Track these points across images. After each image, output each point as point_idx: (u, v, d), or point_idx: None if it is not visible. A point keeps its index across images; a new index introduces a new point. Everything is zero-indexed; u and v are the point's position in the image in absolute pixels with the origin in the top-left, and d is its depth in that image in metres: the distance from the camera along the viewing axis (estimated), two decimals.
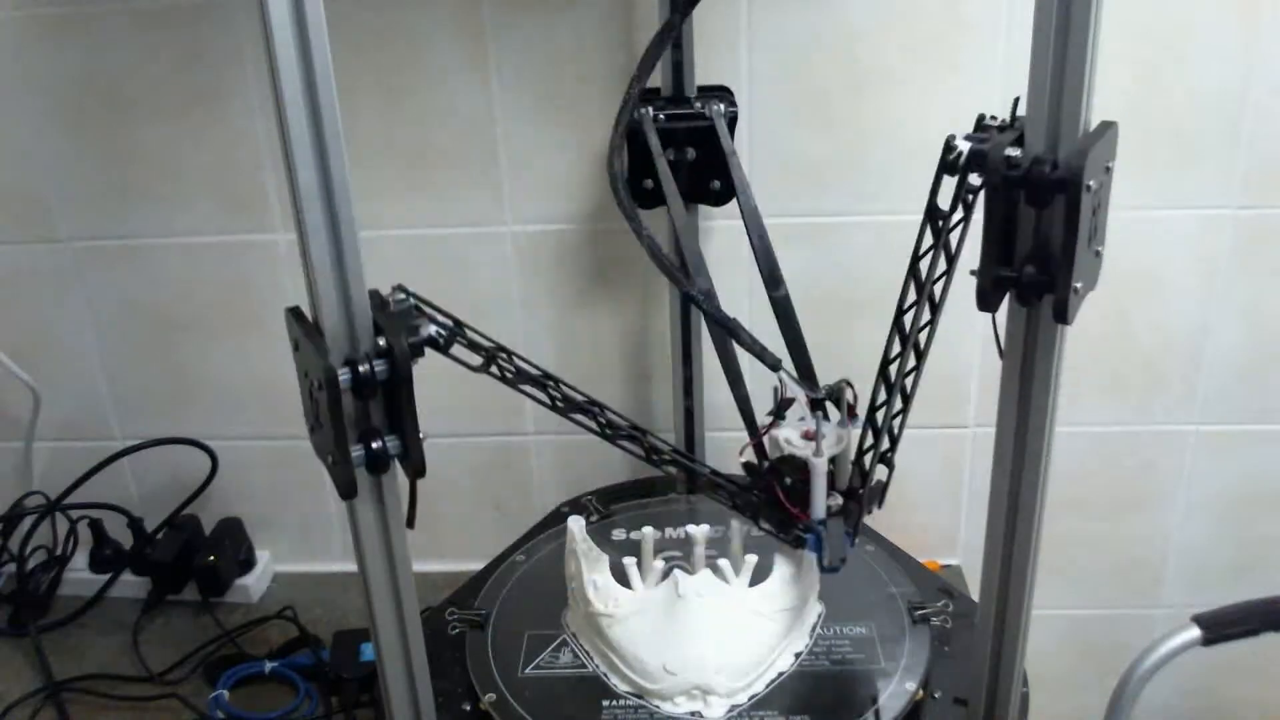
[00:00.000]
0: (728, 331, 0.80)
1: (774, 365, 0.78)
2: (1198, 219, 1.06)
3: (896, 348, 0.75)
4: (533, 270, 1.10)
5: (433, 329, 0.68)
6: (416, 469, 0.66)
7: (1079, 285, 0.62)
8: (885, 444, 0.78)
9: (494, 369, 0.75)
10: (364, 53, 1.02)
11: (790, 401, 0.81)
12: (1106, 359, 1.11)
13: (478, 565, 1.02)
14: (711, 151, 0.97)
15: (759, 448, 0.81)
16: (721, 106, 0.97)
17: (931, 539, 1.17)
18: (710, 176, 0.98)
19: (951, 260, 0.71)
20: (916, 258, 0.72)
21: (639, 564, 0.89)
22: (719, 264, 1.09)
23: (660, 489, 1.10)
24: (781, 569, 0.90)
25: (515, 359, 0.75)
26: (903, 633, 0.89)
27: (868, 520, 1.05)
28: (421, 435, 0.65)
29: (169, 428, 1.18)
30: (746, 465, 0.83)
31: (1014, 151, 0.62)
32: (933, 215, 0.71)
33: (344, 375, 0.62)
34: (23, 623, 1.14)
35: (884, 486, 0.81)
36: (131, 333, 1.16)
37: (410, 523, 0.70)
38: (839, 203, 1.06)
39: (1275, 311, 1.09)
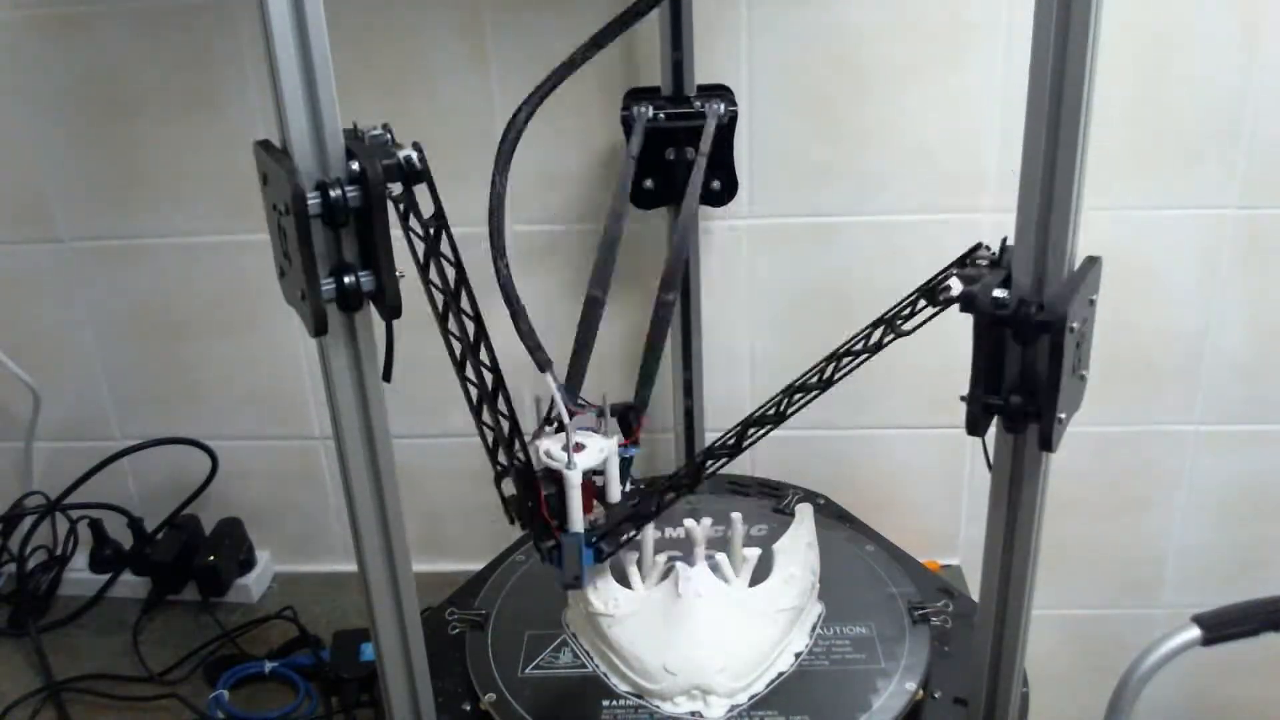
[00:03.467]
0: (510, 313, 0.76)
1: (541, 366, 0.75)
2: (1198, 219, 1.06)
3: (771, 411, 0.77)
4: (532, 270, 1.10)
5: (412, 153, 0.64)
6: (392, 308, 0.63)
7: (1063, 415, 0.65)
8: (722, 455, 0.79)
9: (441, 235, 0.70)
10: (364, 53, 1.02)
11: (551, 416, 0.78)
12: (1106, 359, 1.11)
13: (478, 565, 1.02)
14: (712, 151, 0.96)
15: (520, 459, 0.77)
16: (721, 106, 0.97)
17: (931, 539, 1.17)
18: (710, 177, 0.98)
19: (869, 355, 0.77)
20: (842, 353, 0.76)
21: (639, 561, 0.89)
22: (719, 266, 1.09)
23: (643, 484, 1.10)
24: (781, 569, 0.90)
25: (451, 240, 0.70)
26: (903, 633, 0.89)
27: (867, 520, 1.06)
28: (398, 273, 0.63)
29: (169, 428, 1.18)
30: (515, 474, 0.79)
31: (1001, 293, 0.65)
32: (889, 325, 0.75)
33: (313, 199, 0.60)
34: (23, 623, 1.14)
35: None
36: (131, 333, 1.16)
37: (387, 375, 0.67)
38: (839, 203, 1.06)
39: (1275, 311, 1.09)
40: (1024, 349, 0.65)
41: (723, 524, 0.93)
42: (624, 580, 0.88)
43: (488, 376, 0.72)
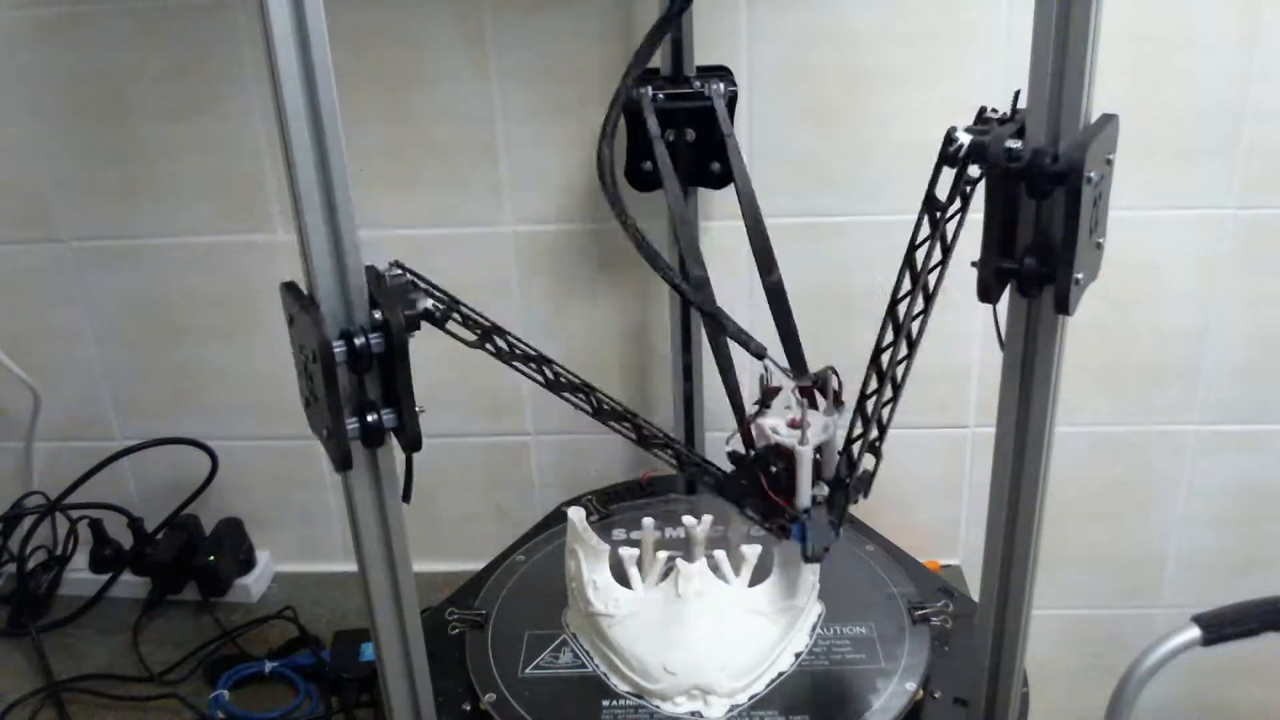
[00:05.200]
0: (714, 320, 0.79)
1: (759, 353, 0.78)
2: (1198, 219, 1.06)
3: (889, 337, 0.75)
4: (533, 270, 1.10)
5: (429, 303, 0.69)
6: (412, 442, 0.66)
7: (1080, 276, 0.62)
8: (874, 432, 0.78)
9: (489, 346, 0.75)
10: (364, 53, 1.02)
11: (776, 390, 0.80)
12: (1106, 358, 1.11)
13: (478, 565, 1.02)
14: (711, 133, 0.96)
15: (746, 436, 0.81)
16: (721, 86, 0.96)
17: (931, 539, 1.17)
18: (710, 158, 0.97)
19: (947, 251, 0.71)
20: (913, 247, 0.72)
21: (639, 561, 0.89)
22: (719, 256, 1.09)
23: (660, 489, 1.10)
24: (781, 569, 0.90)
25: (509, 338, 0.75)
26: (903, 633, 0.89)
27: (867, 520, 1.06)
28: (419, 409, 0.65)
29: (169, 428, 1.18)
30: (732, 454, 0.82)
31: (1015, 144, 0.62)
32: (930, 205, 0.70)
33: (339, 348, 0.62)
34: (23, 623, 1.14)
35: (871, 476, 0.81)
36: (131, 333, 1.16)
37: (406, 497, 0.70)
38: (839, 202, 1.06)
39: (1275, 311, 1.09)
40: (1039, 205, 0.62)
41: (723, 523, 0.93)
42: (624, 580, 0.88)
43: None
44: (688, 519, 0.92)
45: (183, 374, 1.17)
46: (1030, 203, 0.63)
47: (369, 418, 0.64)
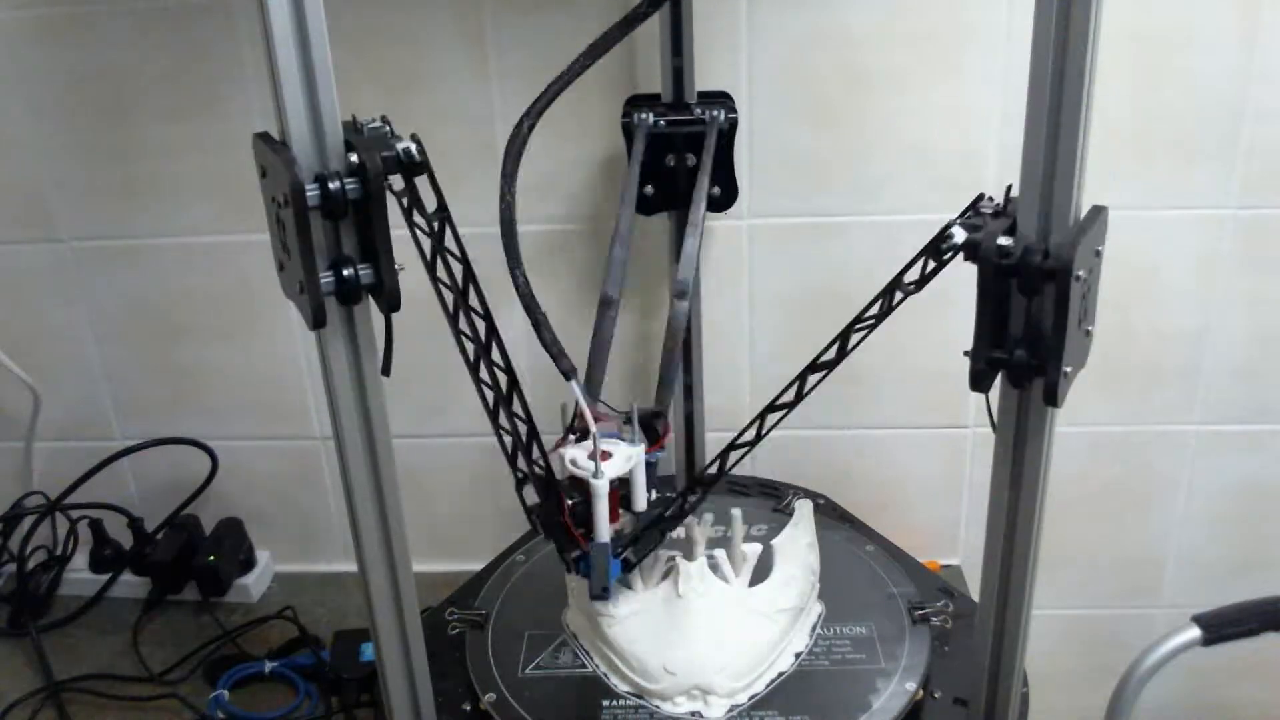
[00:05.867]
0: (532, 322, 0.75)
1: (566, 374, 0.74)
2: (1198, 219, 1.06)
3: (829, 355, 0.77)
4: (533, 271, 1.10)
5: (411, 145, 0.64)
6: (391, 301, 0.63)
7: (1069, 369, 0.64)
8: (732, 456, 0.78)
9: (446, 229, 0.69)
10: (364, 53, 1.02)
11: (579, 421, 0.77)
12: (1106, 359, 1.11)
13: (478, 565, 1.02)
14: (711, 158, 0.95)
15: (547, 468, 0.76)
16: (721, 113, 0.97)
17: (931, 539, 1.17)
18: (710, 182, 0.97)
19: (882, 318, 0.75)
20: (859, 319, 0.76)
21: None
22: (719, 266, 1.09)
23: (659, 489, 1.09)
24: (781, 568, 0.90)
25: (455, 234, 0.69)
26: (903, 633, 0.89)
27: (867, 520, 1.06)
28: (398, 267, 0.63)
29: (169, 428, 1.18)
30: (537, 481, 0.78)
31: (1006, 240, 0.63)
32: (898, 285, 0.74)
33: (312, 191, 0.60)
34: (23, 623, 1.14)
35: (693, 507, 0.81)
36: (131, 333, 1.16)
37: (386, 369, 0.67)
38: (839, 202, 1.06)
39: (1275, 311, 1.09)
40: (1029, 300, 0.63)
41: (723, 523, 0.93)
42: (624, 580, 0.88)
43: (502, 378, 0.71)
44: (689, 519, 0.92)
45: (183, 374, 1.17)
46: (1021, 296, 0.64)
47: (345, 272, 0.62)
